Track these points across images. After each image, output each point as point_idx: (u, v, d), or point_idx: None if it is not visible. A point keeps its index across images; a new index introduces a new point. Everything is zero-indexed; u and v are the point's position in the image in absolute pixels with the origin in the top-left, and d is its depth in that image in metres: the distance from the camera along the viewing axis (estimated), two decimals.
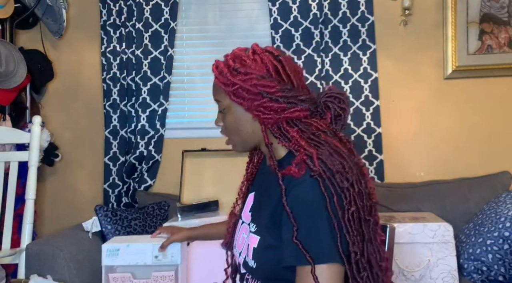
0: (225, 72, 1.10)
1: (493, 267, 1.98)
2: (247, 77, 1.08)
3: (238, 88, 1.08)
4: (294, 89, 1.09)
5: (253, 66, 1.09)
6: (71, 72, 2.84)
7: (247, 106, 1.09)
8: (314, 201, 0.98)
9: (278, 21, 2.64)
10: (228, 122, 1.16)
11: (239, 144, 1.18)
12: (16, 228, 2.36)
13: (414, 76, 2.63)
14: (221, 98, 1.15)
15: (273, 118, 1.08)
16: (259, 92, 1.07)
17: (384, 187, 2.49)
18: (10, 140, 2.35)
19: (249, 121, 1.13)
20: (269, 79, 1.07)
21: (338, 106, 1.11)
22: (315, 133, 1.07)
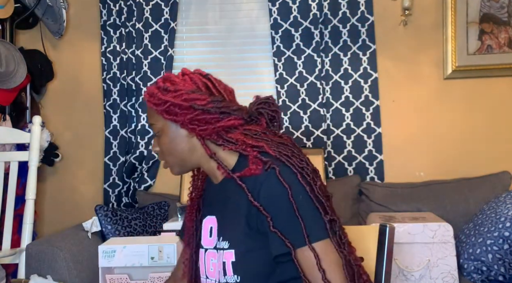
0: (156, 93, 1.12)
1: (493, 267, 1.98)
2: (177, 93, 1.10)
3: (170, 105, 1.10)
4: (225, 101, 1.11)
5: (182, 84, 1.12)
6: (71, 72, 2.84)
7: (181, 122, 1.10)
8: (285, 188, 1.01)
9: (278, 21, 2.64)
10: (164, 144, 1.15)
11: (176, 164, 1.17)
12: (16, 228, 2.36)
13: (414, 76, 2.63)
14: (154, 120, 1.15)
15: (208, 129, 1.10)
16: (190, 106, 1.08)
17: (384, 187, 2.49)
18: (10, 140, 2.35)
19: (185, 139, 1.13)
20: (199, 93, 1.10)
21: (270, 110, 1.15)
22: (257, 133, 1.10)
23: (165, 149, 1.16)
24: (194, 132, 1.12)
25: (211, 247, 1.15)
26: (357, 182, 2.53)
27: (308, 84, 2.62)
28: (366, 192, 2.48)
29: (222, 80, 1.21)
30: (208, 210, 1.21)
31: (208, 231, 1.17)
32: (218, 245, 1.12)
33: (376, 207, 2.42)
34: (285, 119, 2.62)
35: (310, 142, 2.62)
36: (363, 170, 2.59)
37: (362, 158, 2.59)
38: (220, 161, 1.11)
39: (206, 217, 1.20)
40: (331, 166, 2.59)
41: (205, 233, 1.18)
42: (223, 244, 1.10)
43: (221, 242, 1.11)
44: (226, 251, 1.09)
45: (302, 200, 1.01)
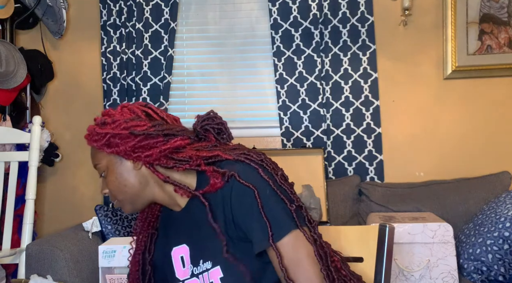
0: (93, 129, 1.10)
1: (493, 267, 1.98)
2: (115, 124, 1.07)
3: (110, 137, 1.06)
4: (167, 124, 1.09)
5: (119, 115, 1.09)
6: (71, 72, 2.84)
7: (123, 152, 1.06)
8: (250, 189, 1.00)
9: (278, 21, 2.64)
10: (111, 183, 1.10)
11: (128, 201, 1.11)
12: (16, 228, 2.36)
13: (414, 77, 2.63)
14: (98, 160, 1.12)
15: (154, 154, 1.05)
16: (130, 133, 1.05)
17: (384, 187, 2.49)
18: (10, 141, 2.35)
19: (132, 172, 1.09)
20: (139, 120, 1.07)
21: (215, 124, 1.11)
22: (207, 148, 1.08)
23: (114, 187, 1.10)
24: (140, 161, 1.07)
25: (187, 277, 1.11)
26: (357, 182, 2.54)
27: (308, 84, 2.62)
28: (366, 192, 2.48)
29: (222, 80, 1.19)
30: (174, 241, 1.15)
31: (179, 261, 1.13)
32: (196, 271, 1.08)
33: (376, 207, 2.42)
34: (285, 119, 2.62)
35: (310, 142, 2.62)
36: (363, 170, 2.59)
37: (362, 158, 2.59)
38: (177, 183, 1.07)
39: (173, 249, 1.14)
40: (331, 166, 2.60)
41: (177, 264, 1.13)
42: (205, 266, 1.07)
43: (202, 265, 1.07)
44: (211, 270, 1.05)
45: (269, 195, 1.00)
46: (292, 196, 1.03)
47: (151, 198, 1.12)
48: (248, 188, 1.00)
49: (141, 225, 1.22)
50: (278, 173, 1.04)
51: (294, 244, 0.98)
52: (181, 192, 1.08)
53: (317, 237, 1.02)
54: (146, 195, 1.11)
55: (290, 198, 1.02)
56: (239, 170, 1.02)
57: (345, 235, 1.29)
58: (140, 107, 1.11)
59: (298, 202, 1.03)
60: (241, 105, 2.76)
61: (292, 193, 1.03)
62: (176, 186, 1.08)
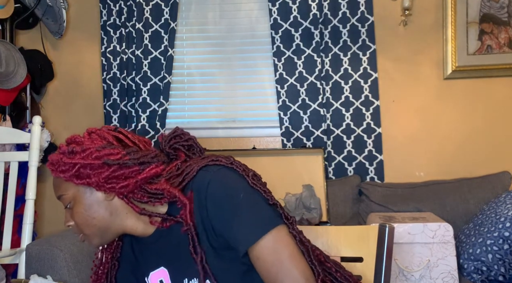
0: (60, 159, 0.99)
1: (493, 267, 1.98)
2: (86, 153, 0.98)
3: (80, 168, 0.98)
4: (141, 151, 1.03)
5: (89, 142, 1.01)
6: (71, 72, 2.84)
7: (95, 184, 0.98)
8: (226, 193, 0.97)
9: (278, 21, 2.64)
10: (78, 214, 1.02)
11: (96, 234, 1.03)
12: (16, 228, 2.36)
13: (414, 77, 2.63)
14: (63, 191, 1.03)
15: (130, 184, 0.98)
16: (104, 163, 0.97)
17: (384, 187, 2.49)
18: (10, 141, 2.35)
19: (103, 204, 1.01)
20: (111, 147, 0.99)
21: (183, 141, 1.08)
22: (178, 168, 1.03)
23: (80, 220, 1.03)
24: (113, 192, 0.99)
25: None
26: (357, 182, 2.54)
27: (308, 84, 2.62)
28: (366, 192, 2.48)
29: (222, 80, 1.17)
30: (149, 266, 1.10)
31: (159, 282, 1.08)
32: None
33: (376, 207, 2.42)
34: (285, 119, 2.62)
35: (310, 142, 2.62)
36: (363, 170, 2.59)
37: (362, 158, 2.59)
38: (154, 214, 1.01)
39: (150, 274, 1.09)
40: (331, 166, 2.60)
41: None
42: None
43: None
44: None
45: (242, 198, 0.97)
46: (266, 195, 1.00)
47: (122, 230, 1.05)
48: (221, 194, 0.97)
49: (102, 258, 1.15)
50: (249, 174, 1.01)
51: (273, 246, 0.95)
52: (156, 223, 1.02)
53: (296, 233, 1.00)
54: (116, 226, 1.04)
55: (264, 198, 1.00)
56: (210, 178, 0.98)
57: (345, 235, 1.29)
58: (110, 133, 1.04)
59: (272, 200, 1.01)
60: (241, 105, 2.76)
61: (265, 192, 1.01)
62: (151, 218, 1.02)
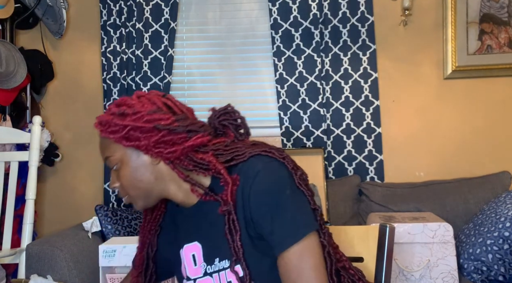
0: (111, 120, 1.01)
1: (493, 267, 1.98)
2: (137, 116, 1.00)
3: (130, 130, 0.99)
4: (190, 119, 1.05)
5: (140, 105, 1.02)
6: (71, 72, 2.84)
7: (144, 147, 1.00)
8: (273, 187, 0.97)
9: (278, 21, 2.64)
10: (125, 177, 1.04)
11: (141, 197, 1.06)
12: (16, 228, 2.36)
13: (414, 76, 2.63)
14: (111, 152, 1.03)
15: (177, 151, 1.00)
16: (154, 127, 0.99)
17: (384, 187, 2.49)
18: (10, 140, 2.35)
19: (149, 167, 1.03)
20: (162, 113, 1.01)
21: (233, 119, 1.08)
22: (227, 145, 1.03)
23: (127, 182, 1.04)
24: (160, 157, 1.01)
25: (199, 276, 1.07)
26: (357, 182, 2.54)
27: (308, 84, 2.62)
28: (366, 192, 2.48)
29: (222, 80, 1.17)
30: (184, 238, 1.11)
31: (191, 260, 1.08)
32: (210, 269, 1.05)
33: (376, 207, 2.42)
34: (285, 119, 2.62)
35: (310, 142, 2.62)
36: (363, 170, 2.59)
37: (362, 158, 2.59)
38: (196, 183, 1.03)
39: (184, 247, 1.10)
40: (331, 166, 2.60)
41: (188, 262, 1.09)
42: (222, 264, 1.03)
43: (218, 264, 1.03)
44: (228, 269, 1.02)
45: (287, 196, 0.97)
46: (309, 198, 1.00)
47: (165, 194, 1.07)
48: (267, 188, 0.97)
49: (148, 219, 1.17)
50: (297, 173, 1.01)
51: (301, 252, 0.96)
52: (196, 193, 1.04)
53: (326, 243, 1.00)
54: (160, 191, 1.05)
55: (306, 200, 1.00)
56: (260, 168, 0.98)
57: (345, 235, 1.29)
58: (159, 98, 1.05)
59: (314, 205, 1.01)
60: (241, 105, 2.74)
61: (309, 195, 1.00)
62: (194, 186, 1.03)
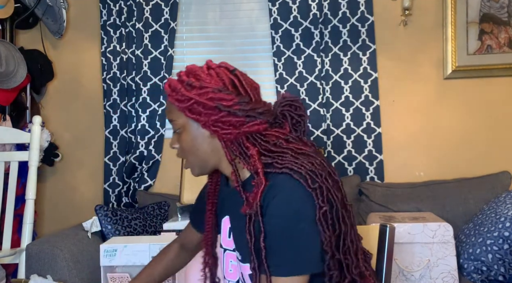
0: (179, 88, 1.04)
1: (493, 267, 1.98)
2: (202, 91, 1.02)
3: (194, 103, 1.03)
4: (251, 103, 1.04)
5: (208, 80, 1.04)
6: (71, 72, 2.84)
7: (203, 122, 1.03)
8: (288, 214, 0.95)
9: (278, 21, 2.64)
10: (184, 142, 1.08)
11: (197, 165, 1.11)
12: (16, 228, 2.36)
13: (414, 76, 2.63)
14: (175, 117, 1.08)
15: (232, 133, 1.02)
16: (216, 106, 1.01)
17: (384, 187, 2.49)
18: (10, 140, 2.35)
19: (207, 139, 1.06)
20: (226, 92, 1.02)
21: (295, 114, 1.08)
22: (276, 144, 1.03)
23: (186, 147, 1.09)
24: (216, 134, 1.04)
25: (230, 249, 1.11)
26: (357, 182, 2.53)
27: (308, 84, 2.62)
28: (366, 192, 2.48)
29: None
30: (224, 211, 1.15)
31: (227, 231, 1.12)
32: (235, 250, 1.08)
33: (376, 207, 2.42)
34: None
35: None
36: (363, 170, 2.59)
37: (362, 157, 2.59)
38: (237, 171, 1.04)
39: (224, 217, 1.14)
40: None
41: (224, 233, 1.13)
42: (237, 254, 1.06)
43: (236, 252, 1.06)
44: (241, 263, 1.04)
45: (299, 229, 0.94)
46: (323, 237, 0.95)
47: (218, 166, 1.11)
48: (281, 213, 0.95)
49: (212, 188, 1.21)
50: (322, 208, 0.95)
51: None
52: (233, 178, 1.05)
53: None
54: (215, 162, 1.09)
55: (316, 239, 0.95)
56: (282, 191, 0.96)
57: None
58: (228, 75, 1.06)
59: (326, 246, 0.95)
60: None
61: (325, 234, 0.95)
62: (233, 172, 1.05)
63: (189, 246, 1.36)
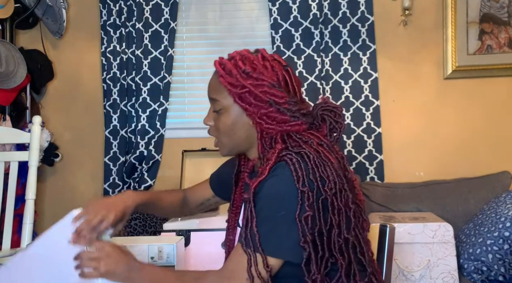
0: (235, 73, 1.06)
1: (493, 267, 1.98)
2: (258, 83, 1.05)
3: (247, 92, 1.05)
4: (299, 103, 1.08)
5: (265, 73, 1.06)
6: (71, 72, 2.84)
7: (250, 112, 1.06)
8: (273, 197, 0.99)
9: (278, 21, 2.64)
10: (223, 124, 1.11)
11: (228, 147, 1.14)
12: (16, 228, 2.36)
13: (414, 76, 2.63)
14: (221, 97, 1.10)
15: (274, 130, 1.05)
16: (267, 101, 1.04)
17: (384, 187, 2.49)
18: (10, 140, 2.35)
19: (245, 126, 1.09)
20: (279, 89, 1.05)
21: (334, 120, 1.10)
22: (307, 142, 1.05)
23: (222, 128, 1.11)
24: (258, 126, 1.07)
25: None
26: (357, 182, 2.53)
27: (308, 84, 2.62)
28: (366, 192, 2.47)
29: None
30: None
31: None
32: None
33: (376, 207, 2.42)
34: None
35: None
36: (363, 170, 2.59)
37: (362, 158, 2.59)
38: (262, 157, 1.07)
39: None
40: None
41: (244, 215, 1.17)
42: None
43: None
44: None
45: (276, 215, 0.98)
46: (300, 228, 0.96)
47: (246, 152, 1.15)
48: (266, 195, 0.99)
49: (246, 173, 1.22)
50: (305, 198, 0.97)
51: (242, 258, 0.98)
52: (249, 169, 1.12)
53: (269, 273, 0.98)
54: (245, 148, 1.14)
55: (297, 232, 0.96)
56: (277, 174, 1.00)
57: None
58: (281, 70, 1.08)
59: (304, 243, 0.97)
60: None
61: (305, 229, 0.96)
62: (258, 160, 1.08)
63: (191, 202, 1.40)
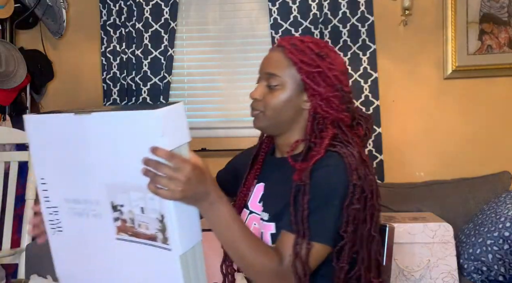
0: (309, 53, 1.06)
1: (493, 267, 1.98)
2: (332, 66, 1.06)
3: (320, 72, 1.05)
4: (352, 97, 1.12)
5: (337, 59, 1.09)
6: (71, 72, 2.84)
7: (314, 93, 1.05)
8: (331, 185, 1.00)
9: (278, 21, 2.64)
10: (276, 99, 1.08)
11: (270, 122, 1.11)
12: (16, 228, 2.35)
13: (414, 76, 2.63)
14: (281, 73, 1.08)
15: (330, 115, 1.06)
16: (336, 85, 1.06)
17: (384, 187, 2.48)
18: (10, 140, 2.35)
19: (296, 107, 1.09)
20: (347, 78, 1.10)
21: (366, 127, 1.13)
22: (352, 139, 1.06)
23: (273, 104, 1.09)
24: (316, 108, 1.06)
25: (256, 212, 1.15)
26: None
27: None
28: None
29: (222, 80, 1.19)
30: (264, 178, 1.18)
31: (259, 196, 1.17)
32: (261, 213, 1.13)
33: None
34: None
35: None
36: None
37: None
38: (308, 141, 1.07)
39: (259, 184, 1.18)
40: None
41: (255, 198, 1.17)
42: (263, 215, 1.11)
43: (263, 213, 1.11)
44: (266, 223, 1.09)
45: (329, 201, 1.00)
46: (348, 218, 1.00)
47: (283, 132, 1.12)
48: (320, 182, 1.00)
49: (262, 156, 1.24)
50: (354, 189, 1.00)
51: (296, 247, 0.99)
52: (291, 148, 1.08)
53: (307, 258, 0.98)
54: (285, 128, 1.11)
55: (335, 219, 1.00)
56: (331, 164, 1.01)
57: None
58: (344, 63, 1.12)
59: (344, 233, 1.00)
60: (241, 105, 2.76)
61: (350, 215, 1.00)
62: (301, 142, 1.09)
63: None
